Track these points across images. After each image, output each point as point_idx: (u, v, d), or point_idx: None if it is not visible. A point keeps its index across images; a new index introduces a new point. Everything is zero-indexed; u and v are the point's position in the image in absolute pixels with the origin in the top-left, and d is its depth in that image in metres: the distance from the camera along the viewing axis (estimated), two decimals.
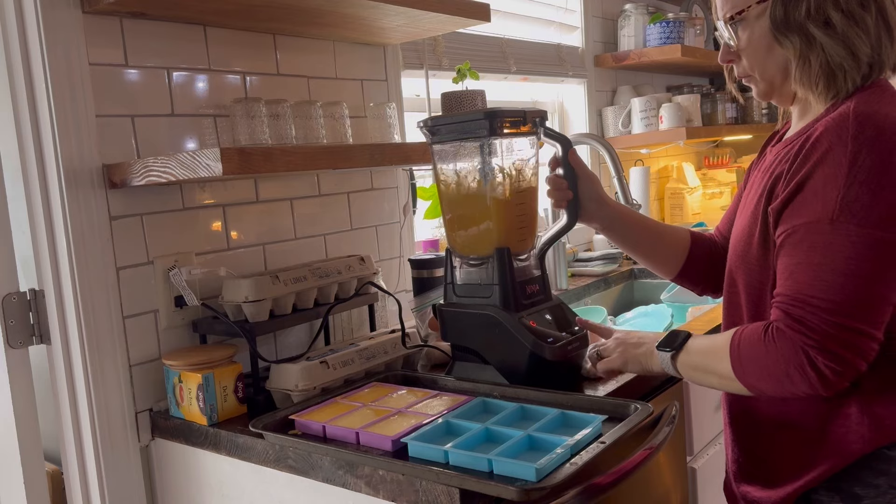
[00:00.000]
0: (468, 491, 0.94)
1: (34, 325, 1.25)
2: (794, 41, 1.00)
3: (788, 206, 0.99)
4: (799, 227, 0.96)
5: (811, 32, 0.99)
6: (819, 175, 0.95)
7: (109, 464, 1.26)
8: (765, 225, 1.04)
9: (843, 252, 0.93)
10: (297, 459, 1.10)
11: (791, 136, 1.07)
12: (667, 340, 1.14)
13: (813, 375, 0.93)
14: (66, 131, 1.20)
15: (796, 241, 0.97)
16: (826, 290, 0.93)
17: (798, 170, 0.98)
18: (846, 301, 0.92)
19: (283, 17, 1.41)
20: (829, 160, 0.94)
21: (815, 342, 0.93)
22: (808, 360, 0.93)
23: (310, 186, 1.60)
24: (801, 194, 0.97)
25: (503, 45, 2.26)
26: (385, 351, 1.43)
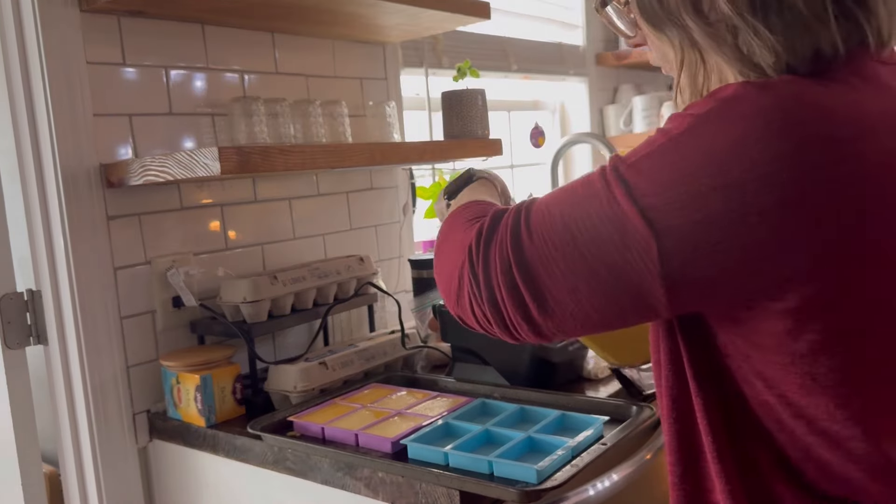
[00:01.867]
0: (468, 493, 0.94)
1: (31, 325, 1.24)
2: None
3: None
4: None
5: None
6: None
7: (107, 465, 1.26)
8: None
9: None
10: (295, 461, 1.10)
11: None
12: (452, 184, 1.01)
13: (455, 283, 0.73)
14: (63, 130, 1.19)
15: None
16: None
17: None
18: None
19: (282, 15, 1.40)
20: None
21: (477, 253, 0.71)
22: (464, 262, 0.72)
23: (309, 186, 1.59)
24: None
25: (504, 44, 2.25)
26: (384, 352, 1.42)
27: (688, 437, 0.71)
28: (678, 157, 0.59)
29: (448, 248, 0.77)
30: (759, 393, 0.65)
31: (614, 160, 0.64)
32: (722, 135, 0.58)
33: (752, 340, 0.63)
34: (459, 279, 0.72)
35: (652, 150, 0.61)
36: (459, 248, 0.73)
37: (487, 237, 0.70)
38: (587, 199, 0.63)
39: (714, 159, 0.57)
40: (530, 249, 0.66)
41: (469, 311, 0.72)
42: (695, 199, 0.57)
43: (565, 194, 0.66)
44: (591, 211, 0.62)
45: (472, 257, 0.70)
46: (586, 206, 0.63)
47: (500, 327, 0.70)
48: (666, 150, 0.60)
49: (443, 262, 0.77)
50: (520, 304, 0.67)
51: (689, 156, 0.58)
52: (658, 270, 0.59)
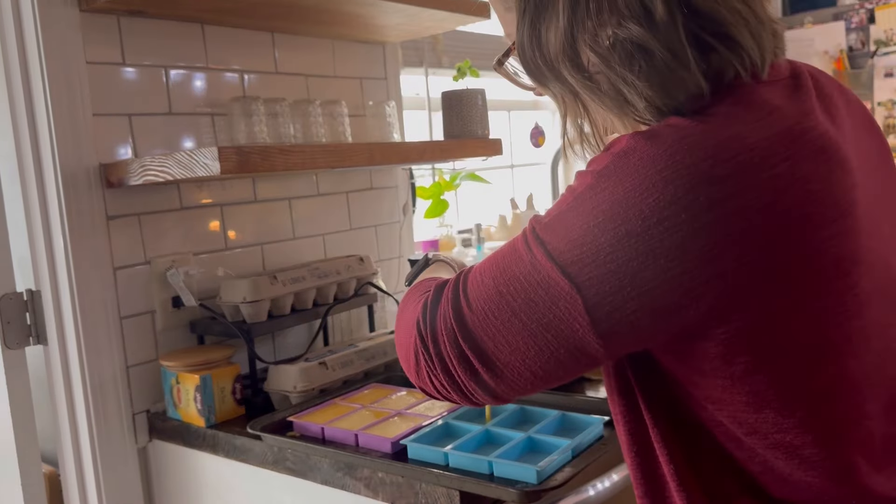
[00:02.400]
0: (468, 493, 0.94)
1: (31, 325, 1.24)
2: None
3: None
4: None
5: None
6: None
7: (107, 465, 1.25)
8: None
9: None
10: (295, 461, 1.10)
11: None
12: (412, 271, 1.03)
13: (412, 359, 0.75)
14: (63, 130, 1.19)
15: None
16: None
17: None
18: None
19: (282, 14, 1.40)
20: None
21: (425, 329, 0.72)
22: (416, 338, 0.74)
23: (308, 186, 1.59)
24: None
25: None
26: (384, 352, 1.42)
27: (650, 468, 0.73)
28: (582, 214, 0.62)
29: (402, 325, 0.79)
30: (711, 415, 0.67)
31: (533, 221, 0.67)
32: (620, 188, 0.61)
33: (694, 367, 0.65)
34: (416, 354, 0.73)
35: (561, 209, 0.65)
36: (411, 325, 0.75)
37: (432, 311, 0.72)
38: (514, 264, 0.66)
39: (614, 212, 0.60)
40: (471, 318, 0.68)
41: (428, 382, 0.74)
42: (604, 251, 0.60)
43: (495, 260, 0.69)
44: (518, 274, 0.65)
45: (422, 332, 0.72)
46: (514, 269, 0.66)
47: (459, 395, 0.72)
48: (572, 209, 0.63)
49: (400, 338, 0.79)
50: (471, 371, 0.69)
51: (591, 211, 0.62)
52: (587, 322, 0.62)
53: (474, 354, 0.68)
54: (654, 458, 0.72)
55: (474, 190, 2.22)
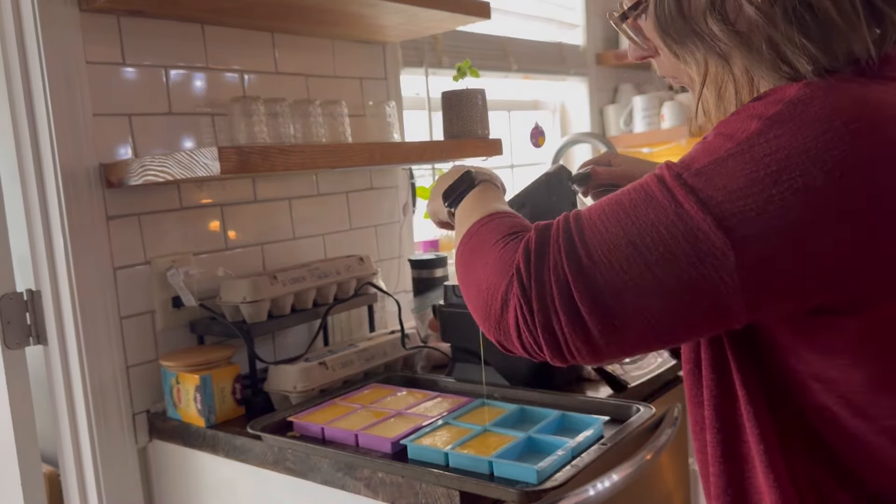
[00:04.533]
0: (468, 493, 0.94)
1: (31, 325, 1.24)
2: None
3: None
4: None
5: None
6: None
7: (107, 465, 1.25)
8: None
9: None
10: (295, 461, 1.09)
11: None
12: (451, 188, 0.92)
13: (497, 305, 0.68)
14: (63, 130, 1.19)
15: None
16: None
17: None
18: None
19: (282, 14, 1.40)
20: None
21: (528, 273, 0.66)
22: (508, 283, 0.67)
23: (308, 186, 1.59)
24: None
25: (504, 44, 2.25)
26: (384, 352, 1.42)
27: (734, 447, 0.69)
28: (751, 162, 0.57)
29: (482, 267, 0.71)
30: (816, 396, 0.64)
31: (673, 168, 0.61)
32: (799, 136, 0.56)
33: (816, 343, 0.62)
34: (503, 302, 0.67)
35: (718, 155, 0.59)
36: (499, 269, 0.68)
37: (538, 257, 0.65)
38: (649, 212, 0.60)
39: (792, 162, 0.55)
40: (591, 268, 0.61)
41: (514, 335, 0.67)
42: (774, 203, 0.55)
43: (620, 207, 0.62)
44: (655, 223, 0.59)
45: (523, 280, 0.65)
46: (650, 217, 0.60)
47: (553, 351, 0.66)
48: (736, 155, 0.58)
49: (477, 282, 0.71)
50: (580, 327, 0.63)
51: (764, 160, 0.56)
52: (736, 281, 0.57)
53: (589, 309, 0.61)
54: (740, 438, 0.68)
55: None
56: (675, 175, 0.60)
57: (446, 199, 0.91)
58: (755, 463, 0.67)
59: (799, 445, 0.66)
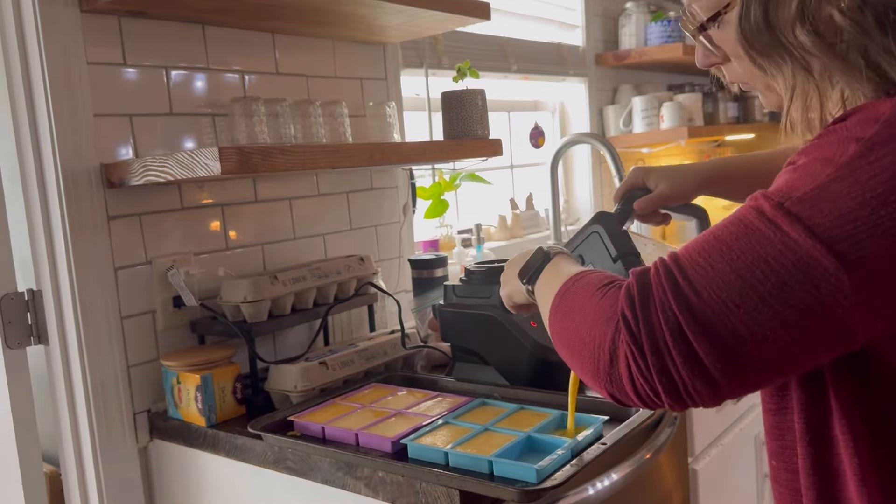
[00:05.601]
0: (468, 493, 0.94)
1: (32, 325, 1.24)
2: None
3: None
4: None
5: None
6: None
7: (108, 465, 1.26)
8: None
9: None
10: (295, 461, 1.10)
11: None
12: (527, 266, 0.90)
13: (606, 357, 0.66)
14: (64, 130, 1.19)
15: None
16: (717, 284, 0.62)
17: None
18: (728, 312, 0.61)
19: (282, 15, 1.41)
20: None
21: (636, 319, 0.64)
22: (615, 332, 0.65)
23: (309, 186, 1.59)
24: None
25: (503, 44, 2.25)
26: (384, 352, 1.43)
27: (825, 460, 0.69)
28: (856, 185, 0.57)
29: (583, 322, 0.69)
30: None
31: (771, 198, 0.61)
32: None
33: None
34: (611, 353, 0.65)
35: (820, 181, 0.59)
36: (602, 319, 0.66)
37: (643, 302, 0.63)
38: (753, 244, 0.59)
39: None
40: (702, 308, 0.60)
41: (628, 385, 0.65)
42: (883, 225, 0.56)
43: (720, 243, 0.62)
44: (763, 255, 0.59)
45: (631, 326, 0.63)
46: (757, 250, 0.59)
47: (672, 396, 0.63)
48: (839, 179, 0.58)
49: (579, 337, 0.69)
50: (698, 368, 0.61)
51: (869, 182, 0.57)
52: (852, 303, 0.57)
53: (706, 350, 0.60)
54: (832, 451, 0.68)
55: (474, 190, 2.23)
56: (776, 205, 0.60)
57: (523, 277, 0.90)
58: (847, 476, 0.67)
59: (889, 461, 0.66)
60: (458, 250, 2.03)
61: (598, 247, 1.04)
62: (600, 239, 1.04)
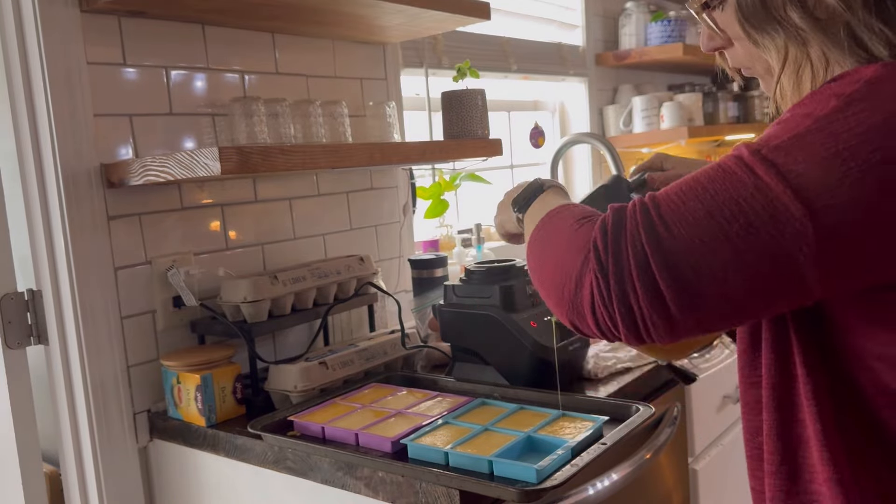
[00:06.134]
0: (468, 493, 0.94)
1: (32, 325, 1.24)
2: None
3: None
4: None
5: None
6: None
7: (108, 465, 1.26)
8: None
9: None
10: (295, 461, 1.10)
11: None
12: (521, 195, 0.93)
13: (571, 284, 0.68)
14: (63, 130, 1.19)
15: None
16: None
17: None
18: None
19: (282, 15, 1.41)
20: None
21: (606, 249, 0.66)
22: (584, 261, 0.67)
23: (309, 186, 1.59)
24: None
25: (503, 44, 2.25)
26: (384, 352, 1.43)
27: (788, 426, 0.70)
28: (831, 136, 0.59)
29: (556, 250, 0.72)
30: (877, 375, 0.65)
31: (750, 146, 0.62)
32: (878, 113, 0.58)
33: (884, 323, 0.63)
34: (577, 281, 0.67)
35: (798, 131, 0.60)
36: (574, 249, 0.69)
37: (615, 233, 0.65)
38: (729, 186, 0.61)
39: (871, 136, 0.58)
40: (670, 242, 0.62)
41: (589, 313, 0.67)
42: (851, 176, 0.57)
43: (697, 184, 0.64)
44: (735, 197, 0.60)
45: (600, 255, 0.65)
46: (730, 192, 0.61)
47: (629, 328, 0.65)
48: (815, 130, 0.60)
49: (551, 265, 0.71)
50: (658, 301, 0.63)
51: (843, 134, 0.58)
52: (814, 253, 0.58)
53: (668, 283, 0.62)
54: (796, 417, 0.69)
55: (474, 190, 2.23)
56: (754, 151, 0.62)
57: (515, 205, 0.92)
58: (811, 442, 0.68)
59: (855, 424, 0.67)
60: (458, 250, 2.03)
61: (600, 200, 1.07)
62: (604, 193, 1.08)
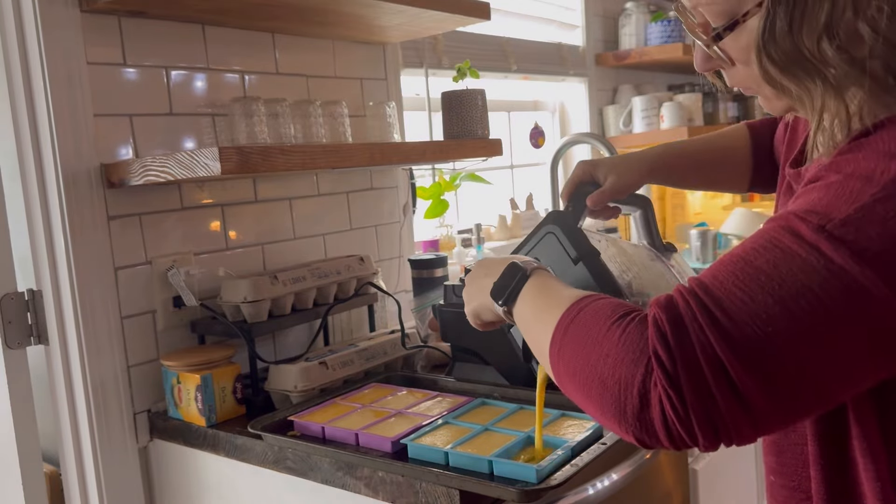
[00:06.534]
0: (468, 492, 0.94)
1: (32, 325, 1.24)
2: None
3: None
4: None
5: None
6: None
7: (108, 465, 1.26)
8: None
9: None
10: (296, 461, 1.10)
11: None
12: (501, 284, 0.80)
13: (636, 401, 0.60)
14: (64, 130, 1.19)
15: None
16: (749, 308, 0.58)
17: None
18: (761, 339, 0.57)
19: (282, 15, 1.41)
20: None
21: (672, 360, 0.58)
22: (645, 374, 0.59)
23: (309, 186, 1.59)
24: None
25: (503, 44, 2.25)
26: (384, 352, 1.43)
27: (843, 483, 0.68)
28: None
29: (600, 361, 0.62)
30: None
31: (809, 220, 0.57)
32: None
33: None
34: (642, 397, 0.59)
35: (864, 202, 0.56)
36: (627, 359, 0.60)
37: (678, 339, 0.58)
38: (795, 272, 0.56)
39: None
40: (746, 344, 0.56)
41: (662, 430, 0.59)
42: None
43: (758, 272, 0.57)
44: (807, 284, 0.55)
45: (666, 368, 0.58)
46: (798, 279, 0.56)
47: (709, 437, 0.58)
48: (883, 200, 0.55)
49: (600, 378, 0.62)
50: (742, 407, 0.57)
51: None
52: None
53: (754, 384, 0.56)
54: (850, 474, 0.66)
55: (474, 190, 2.23)
56: (817, 227, 0.56)
57: (498, 297, 0.79)
58: (867, 499, 0.65)
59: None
60: (458, 250, 2.03)
61: (556, 248, 0.99)
62: (557, 240, 0.99)
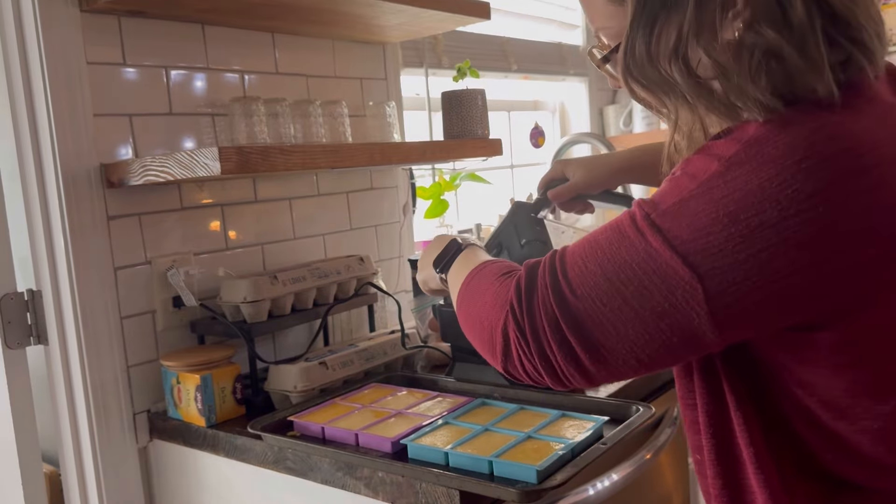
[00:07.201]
0: (468, 493, 0.94)
1: (32, 325, 1.24)
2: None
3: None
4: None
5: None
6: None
7: (107, 465, 1.26)
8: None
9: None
10: (295, 461, 1.10)
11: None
12: (440, 256, 0.97)
13: (500, 340, 0.74)
14: (63, 130, 1.19)
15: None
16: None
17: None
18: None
19: (282, 15, 1.41)
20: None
21: (521, 311, 0.71)
22: (506, 320, 0.73)
23: (309, 186, 1.59)
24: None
25: (503, 44, 2.25)
26: (384, 352, 1.43)
27: (727, 450, 0.73)
28: (711, 202, 0.61)
29: (482, 307, 0.77)
30: (798, 400, 0.68)
31: (643, 207, 0.65)
32: (755, 178, 0.60)
33: (797, 355, 0.66)
34: (504, 335, 0.73)
35: (682, 196, 0.63)
36: (496, 305, 0.74)
37: (528, 294, 0.71)
38: (623, 250, 0.65)
39: (748, 202, 0.59)
40: (575, 305, 0.67)
41: (518, 365, 0.73)
42: (734, 240, 0.60)
43: (598, 245, 0.67)
44: (629, 261, 0.64)
45: (517, 315, 0.71)
46: (624, 256, 0.65)
47: (552, 378, 0.71)
48: (696, 196, 0.62)
49: (479, 321, 0.77)
50: (571, 356, 0.68)
51: (721, 200, 0.61)
52: (706, 312, 0.61)
53: (577, 341, 0.67)
54: (732, 441, 0.73)
55: (474, 190, 2.23)
56: (645, 215, 0.65)
57: (437, 265, 0.96)
58: (747, 464, 0.71)
59: (786, 447, 0.70)
60: None
61: (512, 234, 1.14)
62: (512, 224, 1.14)
